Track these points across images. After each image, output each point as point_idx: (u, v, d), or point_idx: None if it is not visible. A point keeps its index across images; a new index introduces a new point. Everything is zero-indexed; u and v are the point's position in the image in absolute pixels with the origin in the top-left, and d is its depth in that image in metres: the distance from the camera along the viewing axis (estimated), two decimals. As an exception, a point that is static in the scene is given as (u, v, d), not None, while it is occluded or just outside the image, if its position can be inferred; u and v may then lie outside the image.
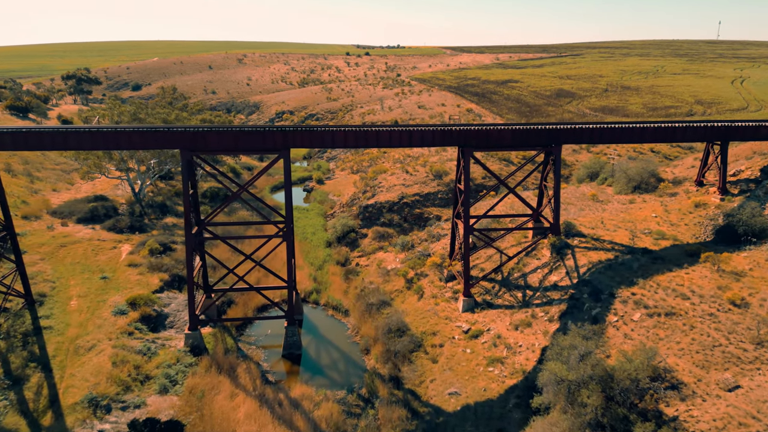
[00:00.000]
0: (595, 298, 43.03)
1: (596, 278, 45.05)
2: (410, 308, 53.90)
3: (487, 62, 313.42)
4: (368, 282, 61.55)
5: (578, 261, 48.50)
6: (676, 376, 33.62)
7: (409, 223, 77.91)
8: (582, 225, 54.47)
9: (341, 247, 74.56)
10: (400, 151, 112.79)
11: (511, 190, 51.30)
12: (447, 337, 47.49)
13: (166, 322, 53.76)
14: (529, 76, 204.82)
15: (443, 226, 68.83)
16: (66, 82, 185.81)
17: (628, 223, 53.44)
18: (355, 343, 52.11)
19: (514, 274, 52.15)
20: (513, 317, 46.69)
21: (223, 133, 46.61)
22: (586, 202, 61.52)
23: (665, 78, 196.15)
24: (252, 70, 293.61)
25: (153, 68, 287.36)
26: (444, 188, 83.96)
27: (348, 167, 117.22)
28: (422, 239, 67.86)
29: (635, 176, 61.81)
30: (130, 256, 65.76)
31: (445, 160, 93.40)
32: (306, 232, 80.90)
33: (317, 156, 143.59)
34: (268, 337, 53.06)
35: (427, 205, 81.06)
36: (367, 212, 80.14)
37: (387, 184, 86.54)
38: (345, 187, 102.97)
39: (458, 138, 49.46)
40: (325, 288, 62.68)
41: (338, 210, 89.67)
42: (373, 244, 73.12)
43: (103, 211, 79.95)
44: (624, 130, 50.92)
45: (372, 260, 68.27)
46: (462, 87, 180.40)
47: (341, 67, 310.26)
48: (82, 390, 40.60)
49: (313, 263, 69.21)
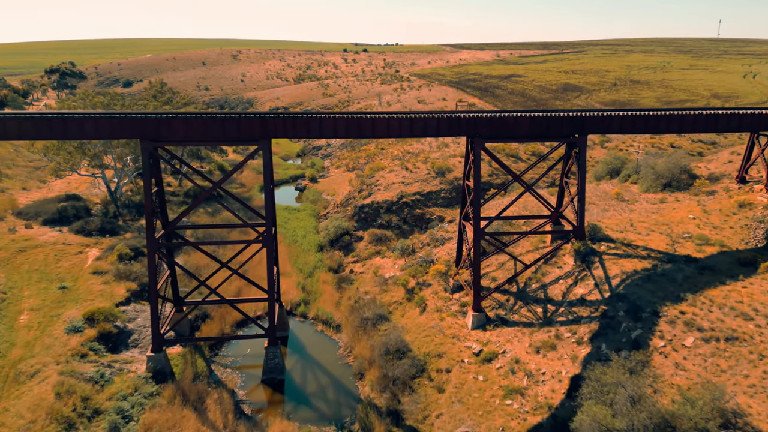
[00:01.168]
0: (633, 317, 35.89)
1: (633, 292, 37.91)
2: (411, 324, 46.76)
3: (487, 59, 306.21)
4: (363, 292, 54.38)
5: (608, 270, 41.36)
6: (750, 421, 26.52)
7: (410, 225, 70.75)
8: (608, 228, 47.36)
9: (334, 251, 67.38)
10: (400, 147, 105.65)
11: (528, 188, 44.14)
12: (455, 360, 40.32)
13: (129, 340, 46.52)
14: (533, 71, 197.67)
15: (447, 229, 61.66)
16: (49, 77, 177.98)
17: (662, 226, 46.32)
18: (348, 364, 44.94)
19: (532, 285, 45.02)
20: (533, 337, 39.55)
21: (190, 120, 39.42)
22: (610, 201, 54.43)
23: (674, 72, 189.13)
24: (247, 66, 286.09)
25: (145, 65, 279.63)
26: (447, 186, 76.82)
27: (344, 165, 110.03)
28: (424, 243, 60.70)
29: (664, 172, 54.69)
30: (97, 263, 58.52)
31: (447, 156, 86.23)
32: (296, 234, 73.68)
33: (311, 153, 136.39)
34: (248, 358, 45.87)
35: (428, 205, 73.91)
36: (363, 213, 72.97)
37: (385, 182, 79.38)
38: (340, 186, 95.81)
39: (467, 127, 42.32)
40: (314, 299, 55.47)
41: (332, 210, 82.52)
42: (369, 248, 65.96)
43: (72, 211, 72.64)
44: (660, 119, 43.80)
45: (368, 266, 61.08)
46: (463, 82, 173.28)
47: (338, 63, 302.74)
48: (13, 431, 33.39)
49: (303, 270, 61.98)
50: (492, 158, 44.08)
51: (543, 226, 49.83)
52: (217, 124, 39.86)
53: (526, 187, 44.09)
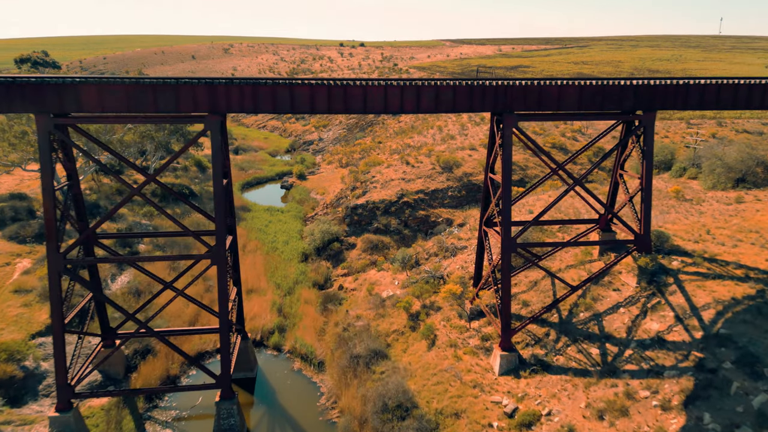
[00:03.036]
0: (749, 373, 24.37)
1: (741, 333, 26.39)
2: (417, 364, 35.17)
3: (489, 53, 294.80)
4: (354, 316, 42.77)
5: (693, 297, 29.82)
6: None
7: (412, 230, 59.17)
8: (677, 236, 35.85)
9: (320, 261, 55.77)
10: (399, 140, 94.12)
11: (578, 182, 32.56)
12: (479, 425, 28.73)
13: (40, 386, 34.78)
14: (540, 63, 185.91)
15: (460, 236, 50.05)
16: (20, 66, 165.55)
17: (751, 234, 34.81)
18: (331, 421, 33.33)
19: (580, 314, 33.44)
20: (590, 392, 27.99)
21: (107, 86, 27.71)
22: (668, 201, 42.89)
23: (691, 63, 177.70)
24: (238, 60, 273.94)
25: (132, 58, 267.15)
26: (455, 183, 65.22)
27: (336, 160, 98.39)
28: (430, 253, 49.12)
29: (736, 165, 43.27)
30: (23, 278, 46.86)
31: (455, 148, 74.62)
32: (276, 240, 62.03)
33: (302, 148, 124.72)
34: (198, 409, 34.22)
35: (434, 206, 62.33)
36: (355, 215, 61.33)
37: (382, 178, 67.78)
38: (331, 183, 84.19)
39: (494, 99, 30.73)
40: (293, 324, 43.83)
41: (320, 212, 70.93)
42: (363, 258, 54.39)
43: (11, 213, 60.74)
44: (753, 88, 32.24)
45: (361, 282, 49.48)
46: (467, 73, 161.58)
47: (334, 57, 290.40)
48: None
49: (281, 285, 50.34)
50: (527, 141, 32.50)
51: (587, 234, 38.27)
52: (147, 93, 28.17)
53: (575, 182, 32.48)
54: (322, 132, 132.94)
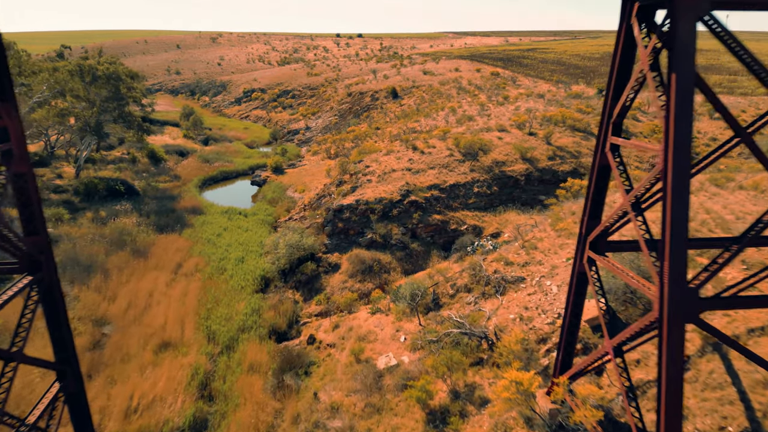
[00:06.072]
0: None
1: None
2: None
3: (495, 44, 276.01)
4: (328, 407, 23.70)
5: None
6: None
7: (423, 243, 40.16)
8: None
9: (286, 291, 36.85)
10: (401, 123, 75.11)
11: None
12: None
13: None
14: (558, 46, 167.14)
15: (508, 257, 30.82)
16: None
17: None
18: None
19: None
20: None
21: None
22: None
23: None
24: (227, 50, 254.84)
25: (111, 46, 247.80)
26: (484, 175, 46.22)
27: (323, 150, 79.45)
28: (458, 285, 30.07)
29: None
30: None
31: (477, 130, 55.60)
32: (227, 257, 42.94)
33: (286, 139, 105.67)
34: None
35: (453, 207, 43.32)
36: (340, 220, 42.31)
37: (379, 168, 48.73)
38: (314, 178, 65.28)
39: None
40: (218, 421, 24.69)
41: (296, 215, 51.99)
42: (349, 288, 35.46)
43: None
44: None
45: (344, 331, 30.37)
46: (477, 56, 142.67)
47: (330, 47, 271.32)
48: None
49: (216, 335, 31.27)
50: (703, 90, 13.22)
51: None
52: None
53: None
54: (310, 120, 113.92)
